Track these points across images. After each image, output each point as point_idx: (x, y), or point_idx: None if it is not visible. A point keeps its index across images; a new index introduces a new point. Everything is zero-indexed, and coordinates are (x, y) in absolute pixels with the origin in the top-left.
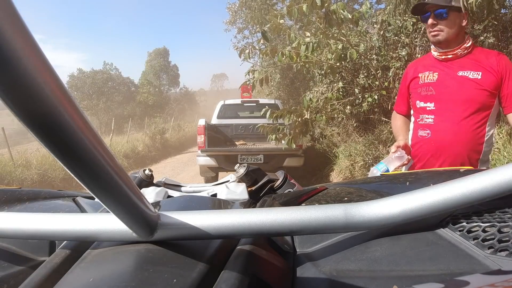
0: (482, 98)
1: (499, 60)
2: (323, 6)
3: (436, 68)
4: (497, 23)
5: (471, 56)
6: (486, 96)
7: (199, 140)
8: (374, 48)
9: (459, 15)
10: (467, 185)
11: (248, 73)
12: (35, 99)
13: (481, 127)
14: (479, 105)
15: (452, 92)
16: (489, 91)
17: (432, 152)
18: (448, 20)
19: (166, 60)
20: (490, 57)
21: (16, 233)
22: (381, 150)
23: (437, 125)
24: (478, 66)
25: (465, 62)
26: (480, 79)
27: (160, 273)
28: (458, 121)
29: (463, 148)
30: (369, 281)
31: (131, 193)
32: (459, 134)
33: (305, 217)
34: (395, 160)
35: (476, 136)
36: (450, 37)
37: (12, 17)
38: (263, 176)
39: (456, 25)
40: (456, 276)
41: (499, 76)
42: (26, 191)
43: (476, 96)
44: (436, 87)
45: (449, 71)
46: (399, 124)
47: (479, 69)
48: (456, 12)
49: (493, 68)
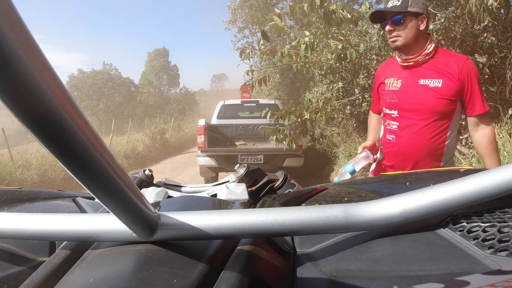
0: (442, 107)
1: (462, 68)
2: (323, 6)
3: (400, 75)
4: (497, 23)
5: (434, 61)
6: (447, 104)
7: (199, 140)
8: (374, 48)
9: (416, 20)
10: (467, 185)
11: (247, 73)
12: (35, 99)
13: (441, 133)
14: (439, 114)
15: (412, 102)
16: (450, 99)
17: (397, 156)
18: (404, 26)
19: (166, 60)
20: (453, 63)
21: (16, 233)
22: None
23: (400, 132)
24: (439, 74)
25: (427, 70)
26: (440, 87)
27: (160, 274)
28: (418, 129)
29: (423, 154)
30: (369, 281)
31: (131, 193)
32: (419, 142)
33: (305, 217)
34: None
35: (436, 143)
36: (408, 42)
37: (12, 17)
38: (263, 176)
39: (413, 30)
40: (456, 276)
41: (460, 83)
42: (26, 191)
43: (436, 106)
44: (398, 95)
45: (411, 79)
46: (372, 123)
47: (440, 76)
48: (413, 17)
49: (455, 75)
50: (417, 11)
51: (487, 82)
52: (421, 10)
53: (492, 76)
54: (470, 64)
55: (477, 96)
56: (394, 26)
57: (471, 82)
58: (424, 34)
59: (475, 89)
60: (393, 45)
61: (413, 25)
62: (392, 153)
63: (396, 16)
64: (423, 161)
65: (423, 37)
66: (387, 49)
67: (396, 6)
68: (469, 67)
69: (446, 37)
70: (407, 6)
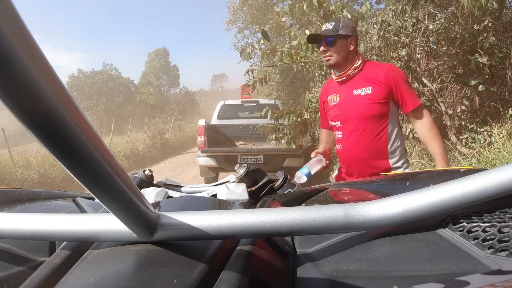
0: (376, 109)
1: (387, 74)
2: (321, 7)
3: (338, 90)
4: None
5: (362, 73)
6: (379, 107)
7: (199, 141)
8: (374, 48)
9: (346, 41)
10: (467, 185)
11: (247, 72)
12: (35, 99)
13: (380, 133)
14: (374, 117)
15: (350, 110)
16: (381, 102)
17: (347, 161)
18: (336, 47)
19: (166, 60)
20: (379, 71)
21: (16, 233)
22: None
23: (344, 140)
24: (368, 82)
25: (357, 81)
26: (371, 93)
27: (160, 274)
28: (359, 134)
29: (367, 155)
30: (369, 281)
31: (131, 193)
32: (361, 145)
33: (305, 217)
34: (316, 164)
35: (377, 143)
36: (340, 60)
37: (12, 17)
38: (263, 177)
39: (344, 50)
40: (457, 276)
41: (388, 87)
42: (26, 191)
43: (370, 110)
44: (339, 107)
45: (347, 92)
46: (322, 136)
47: (369, 84)
48: (343, 39)
49: (382, 81)
50: (346, 33)
51: (487, 82)
52: (350, 33)
53: (492, 76)
54: (394, 69)
55: (406, 95)
56: (327, 47)
57: (397, 84)
58: (354, 52)
59: (402, 89)
60: (327, 63)
61: (344, 45)
62: (342, 160)
63: (329, 38)
64: (369, 161)
65: (352, 55)
66: (387, 49)
67: (328, 30)
68: (393, 72)
69: (446, 37)
70: (338, 29)
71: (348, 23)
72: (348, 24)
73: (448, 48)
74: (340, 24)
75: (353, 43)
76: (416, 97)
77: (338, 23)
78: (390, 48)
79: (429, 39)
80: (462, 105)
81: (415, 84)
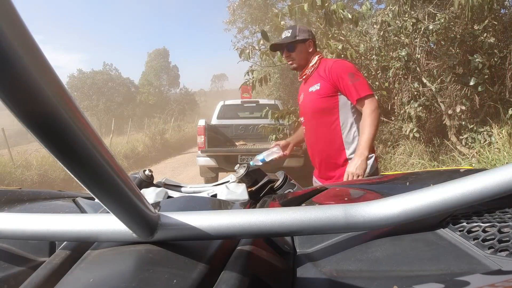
0: (325, 103)
1: (330, 69)
2: (323, 6)
3: (302, 89)
4: (497, 23)
5: (316, 71)
6: (328, 100)
7: (199, 141)
8: (374, 48)
9: (305, 45)
10: (467, 185)
11: (247, 73)
12: (35, 100)
13: (333, 125)
14: (325, 110)
15: (308, 107)
16: (328, 96)
17: (310, 155)
18: (296, 52)
19: (166, 60)
20: (326, 67)
21: (16, 233)
22: (381, 149)
23: (306, 135)
24: (318, 79)
25: (312, 79)
26: (319, 89)
27: (160, 274)
28: (315, 127)
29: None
30: (369, 281)
31: (131, 193)
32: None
33: (305, 217)
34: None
35: (332, 134)
36: (301, 63)
37: (12, 18)
38: (263, 177)
39: (304, 53)
40: (457, 276)
41: (332, 81)
42: (26, 191)
43: (321, 104)
44: (302, 105)
45: (306, 90)
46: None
47: (318, 81)
48: (302, 43)
49: (327, 77)
50: (304, 38)
51: (487, 82)
52: (307, 36)
53: (492, 76)
54: (337, 64)
55: (350, 87)
56: (289, 53)
57: (341, 78)
58: (312, 54)
59: (346, 82)
60: (291, 67)
61: (303, 49)
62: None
63: (289, 45)
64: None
65: (311, 56)
66: (387, 49)
67: (287, 37)
68: (336, 67)
69: (446, 37)
70: (296, 35)
71: (303, 28)
72: (304, 29)
73: (448, 48)
74: (296, 30)
75: (311, 45)
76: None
77: (295, 30)
78: (390, 48)
79: (429, 39)
80: (462, 105)
81: (415, 84)
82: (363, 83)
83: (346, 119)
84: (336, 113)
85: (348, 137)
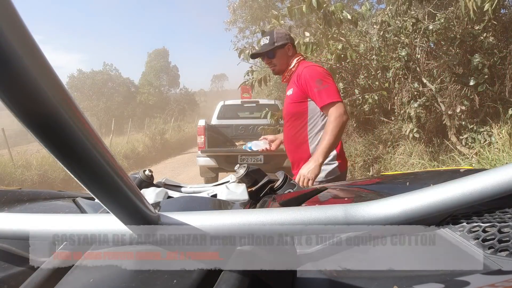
0: (296, 108)
1: (299, 75)
2: (320, 8)
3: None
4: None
5: (294, 75)
6: (297, 105)
7: (199, 141)
8: (374, 48)
9: (284, 49)
10: (467, 185)
11: (247, 73)
12: (35, 100)
13: (302, 128)
14: (296, 114)
15: (284, 110)
16: (299, 101)
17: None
18: (277, 57)
19: (166, 60)
20: (298, 73)
21: (16, 234)
22: (381, 150)
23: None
24: (292, 84)
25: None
26: (292, 94)
27: (160, 274)
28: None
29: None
30: (369, 281)
31: (131, 193)
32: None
33: (305, 217)
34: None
35: (300, 137)
36: (282, 67)
37: (12, 18)
38: (263, 177)
39: (284, 57)
40: (457, 276)
41: (301, 87)
42: (26, 192)
43: (292, 109)
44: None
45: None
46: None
47: (292, 86)
48: (281, 49)
49: (297, 82)
50: (282, 43)
51: (487, 82)
52: (286, 41)
53: (491, 76)
54: (305, 70)
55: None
56: (269, 60)
57: (308, 85)
58: (293, 56)
59: (313, 89)
60: (273, 72)
61: (283, 54)
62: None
63: (269, 52)
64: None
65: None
66: (387, 50)
67: (266, 45)
68: (304, 73)
69: (446, 37)
70: (274, 42)
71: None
72: (282, 34)
73: (448, 48)
74: (274, 37)
75: (290, 48)
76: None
77: (272, 36)
78: (390, 48)
79: (429, 39)
80: (462, 105)
81: (415, 84)
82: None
83: (315, 125)
84: (305, 119)
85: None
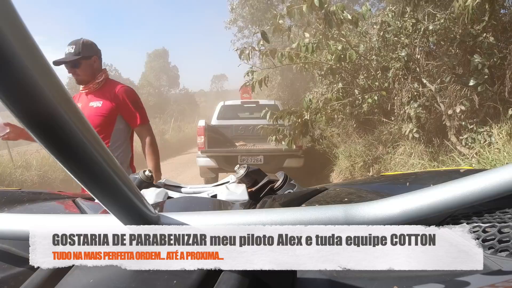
0: (101, 121)
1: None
2: (322, 7)
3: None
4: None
5: (102, 88)
6: (104, 119)
7: (199, 141)
8: (373, 48)
9: (90, 61)
10: (467, 185)
11: (247, 74)
12: (35, 100)
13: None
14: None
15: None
16: (107, 115)
17: None
18: (81, 68)
19: (166, 61)
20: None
21: (16, 234)
22: (381, 150)
23: None
24: (102, 97)
25: (95, 95)
26: (100, 107)
27: (160, 274)
28: None
29: None
30: (369, 281)
31: (131, 194)
32: None
33: (305, 218)
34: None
35: None
36: (86, 78)
37: (12, 18)
38: (263, 177)
39: (88, 68)
40: (457, 276)
41: (116, 103)
42: (26, 192)
43: (96, 121)
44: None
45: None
46: None
47: (102, 99)
48: (87, 60)
49: (112, 98)
50: (88, 55)
51: (487, 82)
52: (92, 53)
53: (491, 76)
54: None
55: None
56: (73, 69)
57: (125, 103)
58: (98, 69)
59: (130, 108)
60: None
61: (87, 65)
62: None
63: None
64: None
65: (98, 71)
66: (387, 50)
67: (71, 54)
68: (123, 92)
69: (446, 37)
70: (79, 52)
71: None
72: (89, 45)
73: (447, 49)
74: (80, 47)
75: (96, 61)
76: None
77: (78, 46)
78: (390, 48)
79: (429, 40)
80: (462, 105)
81: (415, 85)
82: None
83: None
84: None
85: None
